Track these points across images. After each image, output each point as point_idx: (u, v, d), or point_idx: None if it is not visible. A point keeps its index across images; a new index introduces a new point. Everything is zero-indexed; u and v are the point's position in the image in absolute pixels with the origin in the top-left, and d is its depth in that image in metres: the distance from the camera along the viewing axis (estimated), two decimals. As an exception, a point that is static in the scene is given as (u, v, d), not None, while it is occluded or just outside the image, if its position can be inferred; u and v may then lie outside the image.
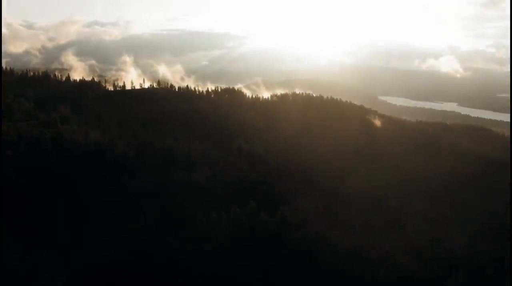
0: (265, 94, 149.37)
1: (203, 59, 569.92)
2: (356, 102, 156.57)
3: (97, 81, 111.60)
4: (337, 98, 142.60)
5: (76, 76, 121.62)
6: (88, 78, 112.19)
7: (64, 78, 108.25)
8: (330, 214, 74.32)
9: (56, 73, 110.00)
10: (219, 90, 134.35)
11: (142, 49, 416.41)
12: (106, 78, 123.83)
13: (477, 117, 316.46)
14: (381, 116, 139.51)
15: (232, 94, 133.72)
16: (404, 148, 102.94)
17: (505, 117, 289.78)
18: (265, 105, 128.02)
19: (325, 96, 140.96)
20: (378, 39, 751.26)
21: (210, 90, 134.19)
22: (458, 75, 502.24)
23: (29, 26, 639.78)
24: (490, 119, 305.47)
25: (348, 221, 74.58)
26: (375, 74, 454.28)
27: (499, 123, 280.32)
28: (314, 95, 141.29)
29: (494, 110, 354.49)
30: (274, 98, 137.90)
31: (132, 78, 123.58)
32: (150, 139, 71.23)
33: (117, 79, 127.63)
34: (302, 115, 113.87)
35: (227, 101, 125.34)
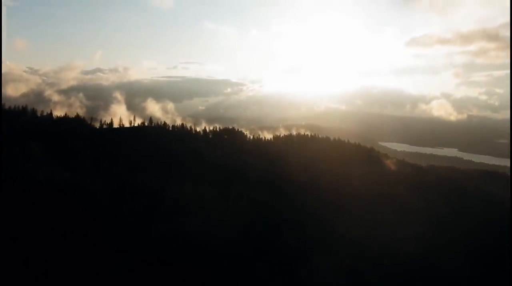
0: (266, 136, 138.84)
1: (200, 104, 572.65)
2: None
3: (82, 117, 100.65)
4: (344, 140, 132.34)
5: (61, 112, 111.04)
6: (72, 115, 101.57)
7: (45, 113, 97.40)
8: (354, 276, 60.14)
9: (35, 107, 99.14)
10: (218, 130, 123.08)
11: (140, 94, 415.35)
12: (93, 116, 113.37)
13: (481, 162, 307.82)
14: (391, 158, 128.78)
15: (231, 135, 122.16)
16: (431, 195, 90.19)
17: (508, 163, 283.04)
18: (268, 146, 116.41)
19: (331, 138, 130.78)
20: (372, 86, 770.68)
21: (208, 130, 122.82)
22: (452, 118, 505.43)
23: (33, 72, 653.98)
24: (494, 164, 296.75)
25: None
26: (372, 120, 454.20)
27: (504, 168, 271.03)
28: (320, 136, 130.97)
29: (495, 155, 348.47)
30: (277, 139, 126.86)
31: (122, 116, 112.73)
32: (132, 181, 57.97)
33: (105, 117, 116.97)
34: (309, 157, 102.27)
35: (227, 142, 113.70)
